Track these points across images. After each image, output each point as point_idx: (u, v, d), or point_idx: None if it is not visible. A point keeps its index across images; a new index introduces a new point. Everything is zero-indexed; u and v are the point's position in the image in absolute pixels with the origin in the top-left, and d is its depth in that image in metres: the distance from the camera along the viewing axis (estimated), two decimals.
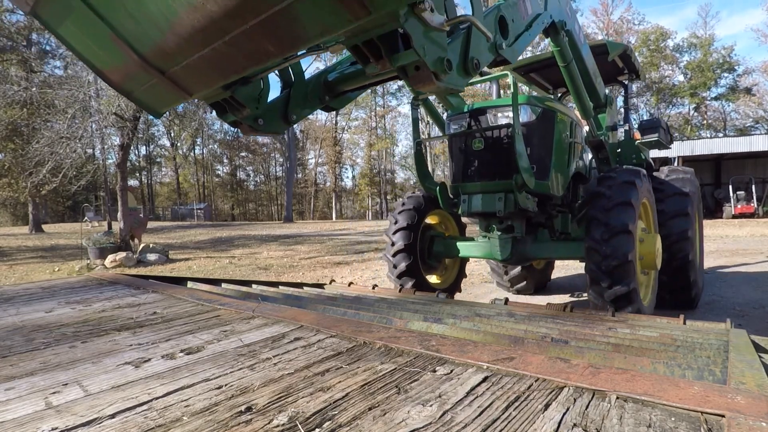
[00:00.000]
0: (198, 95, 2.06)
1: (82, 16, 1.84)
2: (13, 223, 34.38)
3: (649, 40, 41.01)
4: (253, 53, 1.66)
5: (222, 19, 1.54)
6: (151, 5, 1.66)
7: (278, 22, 1.48)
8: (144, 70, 1.94)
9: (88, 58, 2.13)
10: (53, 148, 11.59)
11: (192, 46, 1.74)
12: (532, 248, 3.83)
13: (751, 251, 9.54)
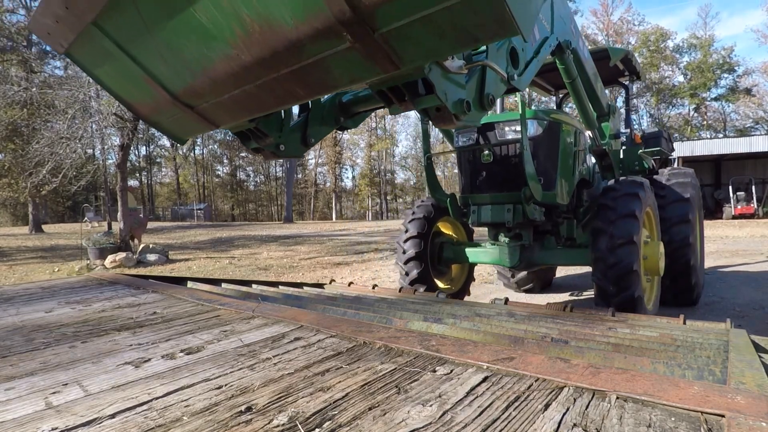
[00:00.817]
0: (224, 127, 2.14)
1: (117, 59, 1.92)
2: (13, 223, 34.38)
3: (649, 41, 41.04)
4: (283, 96, 1.72)
5: (255, 67, 1.60)
6: (187, 54, 1.73)
7: (310, 71, 1.54)
8: (173, 105, 2.01)
9: (117, 92, 2.23)
10: (53, 148, 11.59)
11: (223, 88, 1.81)
12: (539, 255, 3.95)
13: (751, 252, 9.54)
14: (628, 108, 5.69)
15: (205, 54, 1.68)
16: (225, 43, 1.58)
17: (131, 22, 1.70)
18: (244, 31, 1.48)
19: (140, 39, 1.77)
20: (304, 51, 1.44)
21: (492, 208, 3.63)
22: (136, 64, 1.88)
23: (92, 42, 1.89)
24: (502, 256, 3.91)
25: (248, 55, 1.56)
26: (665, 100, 43.83)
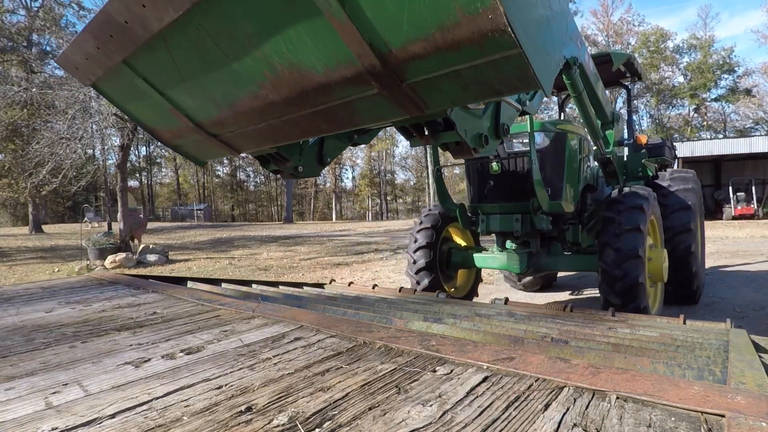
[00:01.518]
0: (245, 152, 2.21)
1: (143, 92, 1.97)
2: (13, 223, 34.37)
3: (649, 42, 41.06)
4: (308, 129, 1.78)
5: (281, 105, 1.65)
6: (215, 91, 1.78)
7: (336, 111, 1.59)
8: (197, 133, 2.06)
9: (139, 118, 2.28)
10: (53, 148, 11.59)
11: (248, 122, 1.86)
12: (546, 261, 4.03)
13: (751, 252, 9.54)
14: (630, 109, 5.72)
15: (233, 92, 1.73)
16: (253, 84, 1.62)
17: (162, 62, 1.75)
18: (273, 75, 1.52)
19: (169, 77, 1.82)
20: (331, 94, 1.49)
21: (501, 217, 3.74)
22: (162, 97, 1.93)
23: (120, 77, 1.95)
24: (510, 263, 3.99)
25: (276, 95, 1.60)
26: (665, 101, 43.84)
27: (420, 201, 53.51)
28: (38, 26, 23.91)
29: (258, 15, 1.37)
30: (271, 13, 1.34)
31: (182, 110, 1.96)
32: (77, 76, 2.05)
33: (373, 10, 1.17)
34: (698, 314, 4.56)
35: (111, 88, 2.12)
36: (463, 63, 1.17)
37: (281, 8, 1.29)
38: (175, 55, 1.67)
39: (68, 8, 24.65)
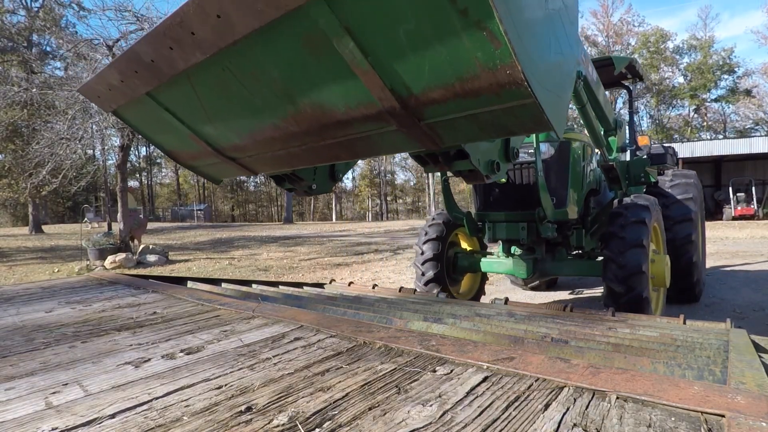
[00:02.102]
0: (262, 173, 2.27)
1: (164, 121, 2.03)
2: (13, 223, 34.37)
3: (649, 42, 41.08)
4: (325, 157, 1.85)
5: (301, 135, 1.71)
6: (235, 122, 1.85)
7: (355, 142, 1.66)
8: (215, 156, 2.12)
9: (159, 142, 2.36)
10: (53, 149, 11.58)
11: (267, 148, 1.93)
12: (551, 267, 4.12)
13: (751, 253, 9.54)
14: (631, 110, 5.74)
15: (254, 123, 1.79)
16: (275, 118, 1.68)
17: (185, 96, 1.80)
18: (295, 111, 1.58)
19: (192, 109, 1.87)
20: (351, 128, 1.55)
21: (507, 226, 3.82)
22: (183, 125, 1.99)
23: (142, 106, 2.00)
24: (515, 268, 4.06)
25: (296, 127, 1.66)
26: (665, 101, 43.84)
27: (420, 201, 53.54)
28: (38, 26, 23.92)
29: (284, 61, 1.42)
30: (297, 61, 1.39)
31: (202, 137, 2.01)
32: (98, 103, 2.11)
33: (396, 61, 1.22)
34: (698, 315, 4.57)
35: (131, 116, 2.19)
36: (480, 108, 1.23)
37: (307, 56, 1.35)
38: (198, 90, 1.72)
39: (68, 8, 24.67)
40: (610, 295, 3.35)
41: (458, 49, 1.09)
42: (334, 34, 1.22)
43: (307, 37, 1.29)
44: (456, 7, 1.00)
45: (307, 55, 1.35)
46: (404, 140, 1.50)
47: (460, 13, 1.01)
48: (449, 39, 1.08)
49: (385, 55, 1.22)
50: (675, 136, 42.33)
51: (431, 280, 4.24)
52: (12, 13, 23.39)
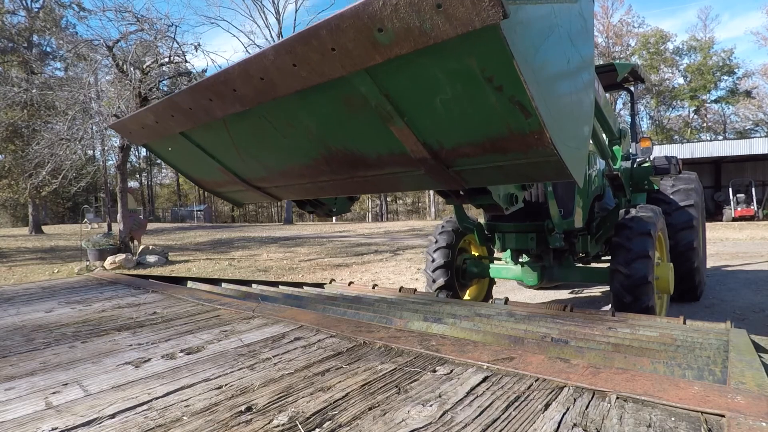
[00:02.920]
0: (286, 200, 2.39)
1: (195, 155, 2.09)
2: (12, 224, 34.36)
3: (649, 43, 41.11)
4: (351, 190, 1.95)
5: (329, 173, 1.78)
6: (266, 159, 1.92)
7: (381, 180, 1.74)
8: (242, 185, 2.19)
9: (185, 171, 2.45)
10: (53, 149, 11.58)
11: (295, 181, 2.00)
12: (558, 273, 4.22)
13: (751, 254, 9.54)
14: (633, 112, 5.76)
15: (285, 161, 1.85)
16: (306, 158, 1.74)
17: (218, 137, 1.86)
18: (327, 153, 1.65)
19: (224, 148, 1.93)
20: (381, 170, 1.62)
21: (517, 236, 3.90)
22: (213, 160, 2.05)
23: (174, 142, 2.06)
24: (524, 275, 4.18)
25: (326, 167, 1.73)
26: (665, 102, 43.86)
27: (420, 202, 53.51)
28: (38, 27, 23.94)
29: (322, 116, 1.48)
30: (334, 115, 1.46)
31: (230, 169, 2.08)
32: (129, 138, 2.19)
33: (430, 122, 1.30)
34: (698, 316, 4.56)
35: (161, 149, 2.26)
36: (507, 161, 1.32)
37: (344, 113, 1.42)
38: (232, 133, 1.78)
39: (68, 9, 24.69)
40: (617, 303, 3.47)
41: (491, 117, 1.18)
42: (374, 99, 1.29)
43: (346, 99, 1.35)
44: (492, 84, 1.09)
45: (344, 112, 1.41)
46: (431, 181, 1.58)
47: (495, 89, 1.09)
48: (482, 108, 1.17)
49: (420, 117, 1.29)
50: (675, 137, 42.35)
51: (442, 287, 4.37)
52: (12, 14, 23.42)
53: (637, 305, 3.32)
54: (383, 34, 1.05)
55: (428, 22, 0.98)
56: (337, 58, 1.16)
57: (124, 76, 11.33)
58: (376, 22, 1.03)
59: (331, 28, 1.10)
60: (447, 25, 0.96)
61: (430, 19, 0.97)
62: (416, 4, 0.96)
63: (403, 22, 1.00)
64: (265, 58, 1.28)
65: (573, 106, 1.38)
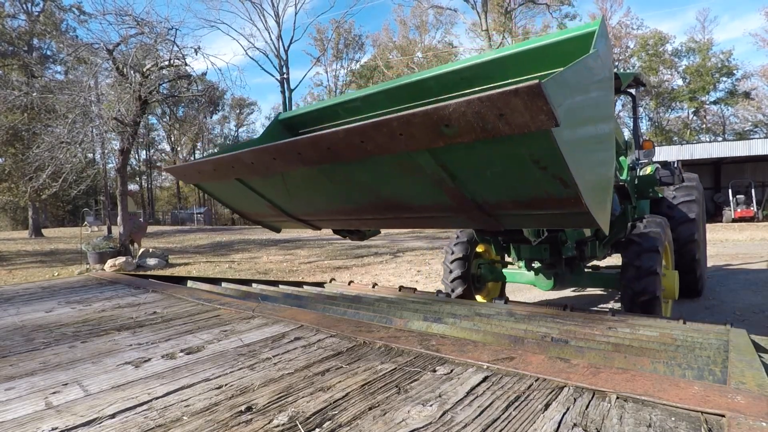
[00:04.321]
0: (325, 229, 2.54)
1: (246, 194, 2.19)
2: (12, 227, 34.33)
3: (648, 45, 41.17)
4: (391, 226, 2.13)
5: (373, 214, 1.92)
6: (316, 202, 2.06)
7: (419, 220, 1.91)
8: (285, 217, 2.33)
9: (231, 204, 2.55)
10: (53, 152, 11.59)
11: (340, 217, 2.15)
12: (570, 279, 4.44)
13: (751, 255, 9.54)
14: (636, 116, 5.80)
15: (334, 204, 2.00)
16: (355, 203, 1.89)
17: (273, 185, 1.98)
18: (375, 200, 1.79)
19: (277, 192, 2.07)
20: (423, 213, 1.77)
21: (531, 247, 4.04)
22: (263, 199, 2.16)
23: (227, 185, 2.18)
24: (538, 281, 4.39)
25: (372, 210, 1.88)
26: (664, 104, 43.90)
27: None
28: (39, 31, 23.98)
29: (377, 173, 1.61)
30: (388, 175, 1.60)
31: (278, 206, 2.21)
32: (183, 179, 2.33)
33: (479, 185, 1.46)
34: (698, 317, 4.56)
35: (213, 188, 2.39)
36: (542, 213, 1.49)
37: (399, 174, 1.56)
38: (288, 183, 1.91)
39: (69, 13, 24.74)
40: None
41: (533, 186, 1.34)
42: (430, 168, 1.43)
43: (404, 166, 1.49)
44: (538, 165, 1.25)
45: (399, 174, 1.55)
46: (468, 223, 1.74)
47: (540, 168, 1.25)
48: (526, 179, 1.33)
49: (470, 182, 1.46)
50: (674, 138, 42.38)
51: (460, 296, 4.61)
52: (12, 18, 23.46)
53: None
54: (449, 129, 1.18)
55: (490, 125, 1.12)
56: (403, 140, 1.29)
57: (125, 80, 11.35)
58: (444, 121, 1.17)
59: (403, 121, 1.23)
60: (506, 127, 1.10)
61: (491, 123, 1.11)
62: (482, 113, 1.10)
63: (468, 123, 1.14)
64: (336, 135, 1.40)
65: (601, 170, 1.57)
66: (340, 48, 45.31)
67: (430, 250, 12.39)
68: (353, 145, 1.38)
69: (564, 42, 1.85)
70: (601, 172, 1.58)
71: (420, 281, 7.81)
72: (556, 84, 1.05)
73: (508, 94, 1.04)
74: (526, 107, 1.04)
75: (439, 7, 38.86)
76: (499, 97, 1.05)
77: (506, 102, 1.05)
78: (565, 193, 1.29)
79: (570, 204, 1.34)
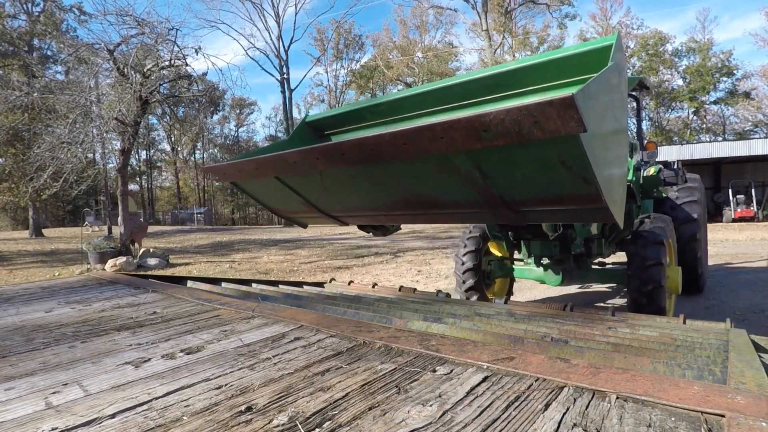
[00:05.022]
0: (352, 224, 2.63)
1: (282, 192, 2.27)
2: (13, 227, 34.35)
3: (648, 45, 41.15)
4: (417, 222, 2.22)
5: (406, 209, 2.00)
6: (350, 200, 2.16)
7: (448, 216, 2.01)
8: (317, 214, 2.40)
9: (266, 202, 2.64)
10: (54, 152, 11.59)
11: (371, 213, 2.23)
12: (578, 275, 4.58)
13: (751, 255, 9.53)
14: (639, 118, 5.85)
15: (367, 201, 2.09)
16: (388, 199, 1.98)
17: (311, 182, 2.07)
18: (409, 196, 1.90)
19: (314, 190, 2.15)
20: (452, 209, 1.88)
21: (542, 244, 4.22)
22: (299, 197, 2.25)
23: (265, 183, 2.26)
24: (547, 277, 4.53)
25: (405, 205, 1.97)
26: (664, 104, 43.87)
27: None
28: (39, 31, 23.99)
29: (414, 172, 1.72)
30: (424, 175, 1.71)
31: (312, 203, 2.29)
32: (221, 178, 2.41)
33: (509, 183, 1.59)
34: (698, 316, 4.55)
35: (250, 186, 2.46)
36: (564, 209, 1.62)
37: (434, 173, 1.67)
38: (326, 181, 2.00)
39: (69, 13, 24.75)
40: (633, 304, 3.84)
41: (559, 185, 1.48)
42: (465, 168, 1.55)
43: (441, 166, 1.60)
44: (564, 165, 1.38)
45: (435, 173, 1.67)
46: (494, 218, 1.88)
47: (566, 168, 1.38)
48: (553, 180, 1.47)
49: (501, 180, 1.58)
50: (674, 138, 42.35)
51: (471, 287, 4.80)
52: (13, 18, 23.47)
53: (652, 306, 3.71)
54: (487, 133, 1.31)
55: (525, 130, 1.24)
56: (444, 143, 1.41)
57: (125, 80, 11.35)
58: (484, 126, 1.30)
59: (446, 127, 1.36)
60: (539, 132, 1.23)
61: (527, 128, 1.24)
62: (519, 120, 1.23)
63: (505, 129, 1.27)
64: (381, 138, 1.53)
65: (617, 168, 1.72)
66: (340, 48, 45.32)
67: (430, 250, 12.39)
68: (396, 147, 1.50)
69: (582, 54, 2.05)
70: (617, 170, 1.72)
71: (420, 281, 7.81)
72: (584, 95, 1.19)
73: (543, 104, 1.17)
74: (559, 115, 1.17)
75: (439, 7, 38.92)
76: (535, 107, 1.18)
77: (541, 111, 1.18)
78: (587, 189, 1.42)
79: (591, 200, 1.47)
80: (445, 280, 7.76)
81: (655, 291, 3.75)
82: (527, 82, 2.25)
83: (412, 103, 2.68)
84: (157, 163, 53.07)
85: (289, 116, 38.34)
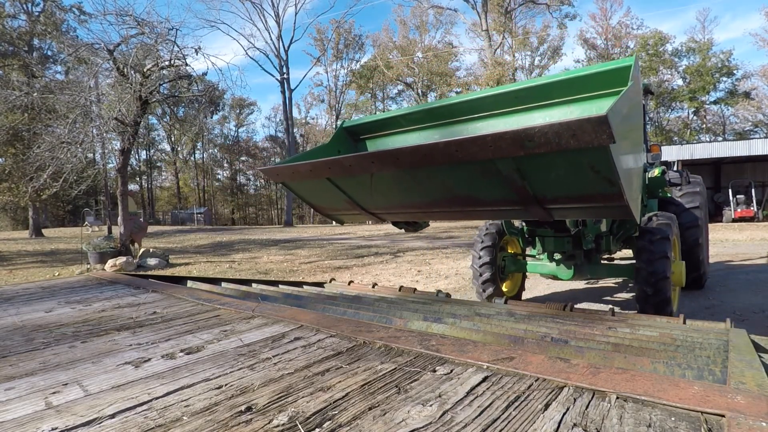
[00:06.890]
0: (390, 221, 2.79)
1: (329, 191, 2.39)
2: (13, 227, 34.34)
3: (648, 45, 41.15)
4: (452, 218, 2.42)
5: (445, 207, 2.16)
6: (395, 198, 2.29)
7: (482, 213, 2.19)
8: (358, 211, 2.53)
9: (310, 200, 2.75)
10: (54, 152, 11.57)
11: (410, 210, 2.38)
12: (588, 270, 4.78)
13: (751, 255, 9.53)
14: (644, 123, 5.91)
15: (410, 200, 2.24)
16: (430, 198, 2.14)
17: (360, 183, 2.21)
18: (451, 195, 2.07)
19: (362, 190, 2.30)
20: (488, 207, 2.07)
21: (554, 240, 4.46)
22: (345, 195, 2.38)
23: (314, 183, 2.39)
24: (558, 272, 4.74)
25: (445, 203, 2.15)
26: (664, 104, 43.86)
27: None
28: (39, 31, 23.99)
29: (459, 174, 1.90)
30: (467, 176, 1.90)
31: (357, 202, 2.42)
32: (273, 179, 2.52)
33: (542, 184, 1.78)
34: (698, 316, 4.56)
35: (298, 186, 2.59)
36: (588, 206, 1.82)
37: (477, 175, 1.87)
38: (375, 182, 2.14)
39: (69, 13, 24.75)
40: (641, 295, 4.03)
41: (586, 186, 1.68)
42: (507, 171, 1.75)
43: (485, 169, 1.80)
44: (593, 169, 1.59)
45: (479, 175, 1.86)
46: (524, 214, 2.04)
47: (594, 171, 1.59)
48: (582, 181, 1.67)
49: (536, 181, 1.78)
50: (674, 138, 42.36)
51: (487, 280, 5.04)
52: (13, 18, 23.46)
53: (658, 297, 3.93)
54: (531, 143, 1.52)
55: (563, 140, 1.46)
56: (491, 150, 1.62)
57: (125, 80, 11.34)
58: (529, 138, 1.51)
59: (495, 138, 1.59)
60: (575, 143, 1.45)
61: (565, 140, 1.46)
62: (560, 133, 1.45)
63: (547, 140, 1.49)
64: (436, 145, 1.72)
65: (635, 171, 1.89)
66: (340, 48, 45.31)
67: (430, 250, 12.39)
68: (448, 153, 1.70)
69: (604, 73, 2.32)
70: (636, 172, 1.90)
71: (420, 281, 7.81)
72: (613, 113, 1.40)
73: (581, 121, 1.40)
74: (594, 130, 1.39)
75: (439, 7, 38.93)
76: (575, 123, 1.41)
77: (579, 126, 1.41)
78: (611, 189, 1.63)
79: (614, 198, 1.67)
80: (445, 280, 7.76)
81: (662, 282, 3.94)
82: (553, 95, 2.53)
83: (448, 112, 2.93)
84: (157, 163, 53.07)
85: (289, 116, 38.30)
